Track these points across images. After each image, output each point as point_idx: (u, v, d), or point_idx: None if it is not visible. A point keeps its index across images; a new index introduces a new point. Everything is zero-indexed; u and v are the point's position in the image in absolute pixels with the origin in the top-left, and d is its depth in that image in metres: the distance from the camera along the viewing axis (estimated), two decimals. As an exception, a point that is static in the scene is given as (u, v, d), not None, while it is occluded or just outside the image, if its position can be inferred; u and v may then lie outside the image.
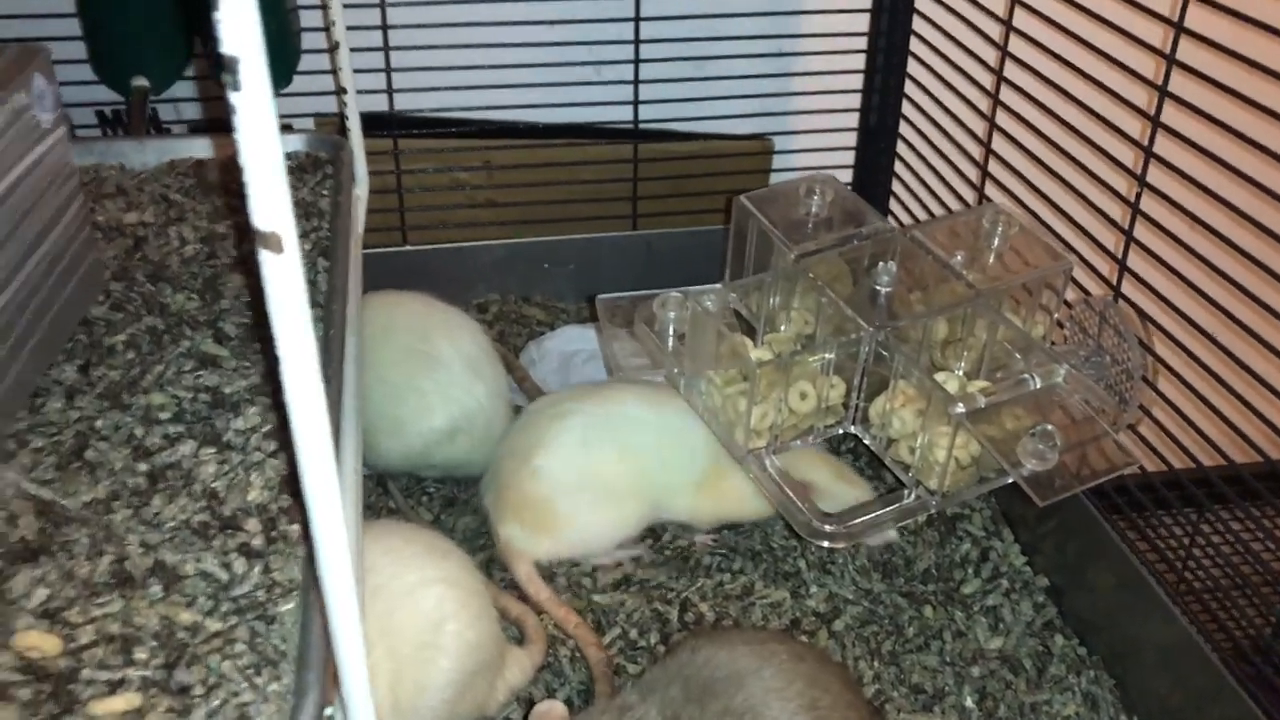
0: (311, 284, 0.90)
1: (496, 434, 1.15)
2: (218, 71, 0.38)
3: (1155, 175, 0.96)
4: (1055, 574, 1.10)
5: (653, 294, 0.98)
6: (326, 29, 1.10)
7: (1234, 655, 0.92)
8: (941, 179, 1.32)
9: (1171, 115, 0.94)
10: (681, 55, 1.43)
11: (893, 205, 1.48)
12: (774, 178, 1.58)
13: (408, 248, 1.46)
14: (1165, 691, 0.96)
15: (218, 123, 1.43)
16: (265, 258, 0.41)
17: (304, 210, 1.02)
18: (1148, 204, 0.98)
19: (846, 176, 1.54)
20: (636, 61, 1.40)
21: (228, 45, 0.38)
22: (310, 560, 0.63)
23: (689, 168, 1.51)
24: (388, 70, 1.36)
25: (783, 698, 0.75)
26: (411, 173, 1.44)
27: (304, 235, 0.98)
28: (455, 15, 1.36)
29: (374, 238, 1.45)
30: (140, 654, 0.58)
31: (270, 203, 0.40)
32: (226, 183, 1.03)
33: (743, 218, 1.04)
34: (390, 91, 1.37)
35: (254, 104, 0.39)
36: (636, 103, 1.43)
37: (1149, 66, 0.98)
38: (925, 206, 1.37)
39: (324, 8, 1.09)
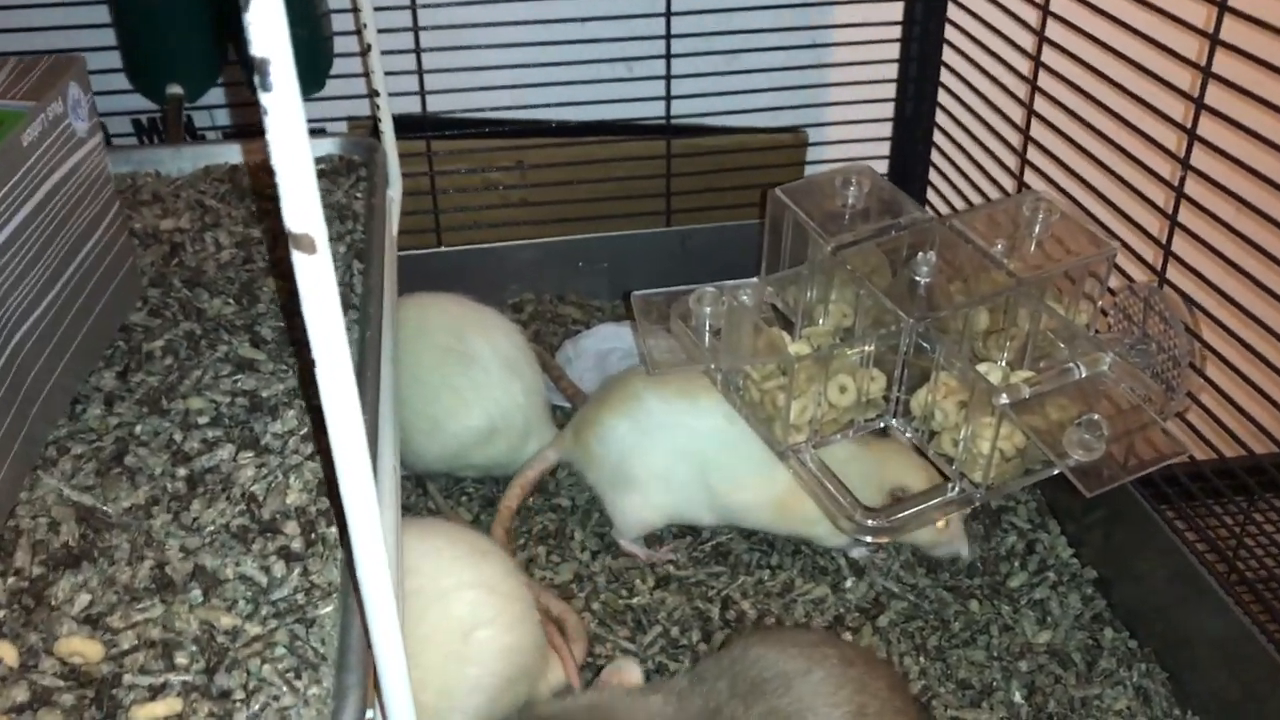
0: (347, 286, 0.90)
1: (534, 433, 1.15)
2: (250, 77, 0.37)
3: (1199, 158, 0.94)
4: (1103, 566, 1.08)
5: (688, 289, 0.97)
6: (358, 32, 1.10)
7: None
8: (980, 167, 1.31)
9: (1215, 96, 0.92)
10: (713, 50, 1.42)
11: (930, 196, 1.46)
12: (809, 170, 1.57)
13: (443, 249, 1.46)
14: (1220, 685, 0.94)
15: (251, 129, 1.44)
16: (297, 259, 0.41)
17: (338, 213, 1.02)
18: (1192, 187, 0.96)
19: (883, 167, 1.52)
20: (669, 56, 1.39)
21: (257, 47, 0.37)
22: (349, 563, 0.63)
23: (722, 162, 1.50)
24: (419, 72, 1.36)
25: (830, 703, 0.74)
26: (445, 174, 1.44)
27: (339, 238, 0.98)
28: (486, 15, 1.36)
29: (409, 239, 1.46)
30: (181, 659, 0.58)
31: (301, 204, 0.40)
32: (260, 188, 1.04)
33: (778, 210, 1.03)
34: (423, 93, 1.37)
35: (284, 105, 0.38)
36: (669, 98, 1.42)
37: (1191, 47, 0.96)
38: (963, 196, 1.35)
39: (355, 10, 1.10)
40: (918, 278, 0.94)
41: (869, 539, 0.95)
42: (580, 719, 0.79)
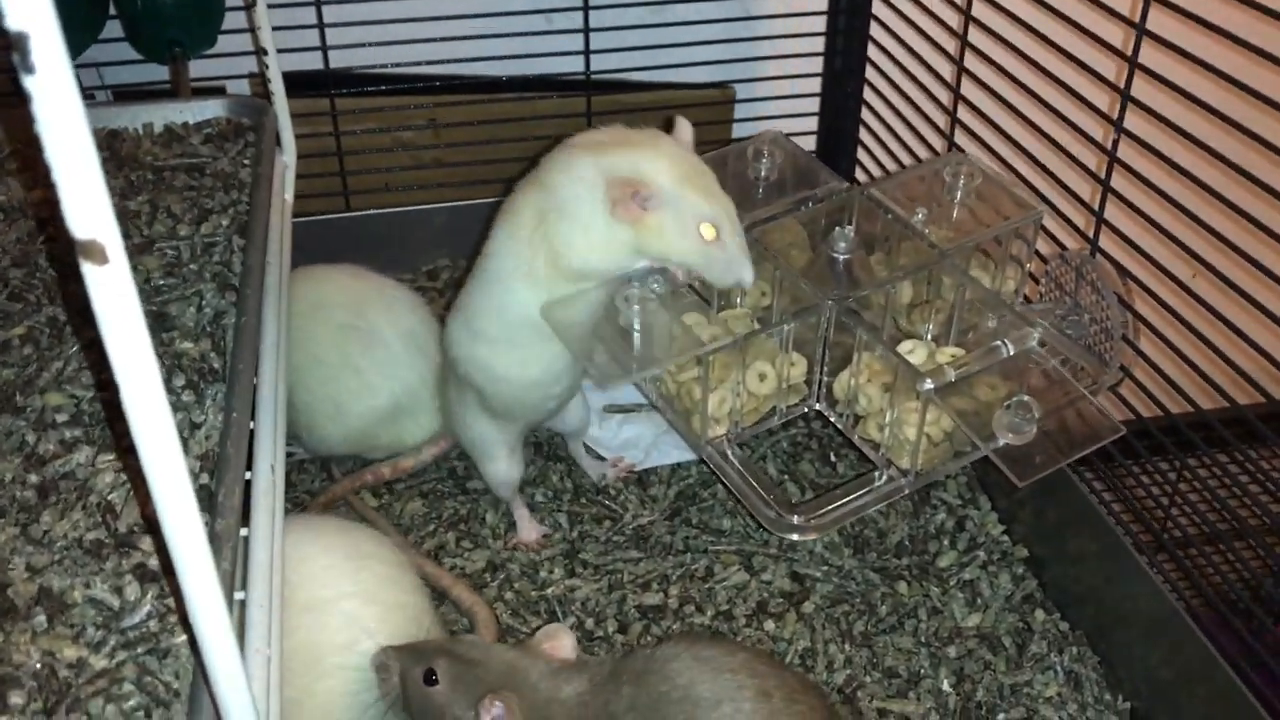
0: (225, 265, 0.83)
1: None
2: (133, 38, 0.31)
3: (1132, 121, 0.90)
4: (1035, 543, 1.05)
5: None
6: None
7: (1221, 625, 0.87)
8: (911, 127, 1.26)
9: (1149, 55, 0.87)
10: (634, 1, 1.36)
11: (861, 155, 1.41)
12: (737, 128, 1.51)
13: (352, 213, 1.38)
14: (1152, 668, 0.91)
15: (145, 90, 1.35)
16: (87, 271, 0.35)
17: (223, 182, 0.95)
18: (1125, 152, 0.91)
19: (812, 124, 1.47)
20: (586, 9, 1.32)
21: (14, 19, 0.31)
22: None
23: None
24: (321, 25, 1.27)
25: None
26: (352, 133, 1.36)
27: (222, 210, 0.91)
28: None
29: (314, 203, 1.38)
30: (16, 698, 0.52)
31: (86, 204, 0.34)
32: (143, 156, 0.96)
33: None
34: (325, 48, 1.29)
35: (53, 88, 0.32)
36: (588, 52, 1.35)
37: (1124, 2, 0.91)
38: (895, 156, 1.30)
39: (239, -39, 1.01)
40: (836, 253, 0.89)
41: (796, 537, 0.91)
42: (495, 672, 0.74)
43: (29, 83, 0.31)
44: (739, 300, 0.95)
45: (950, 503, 1.09)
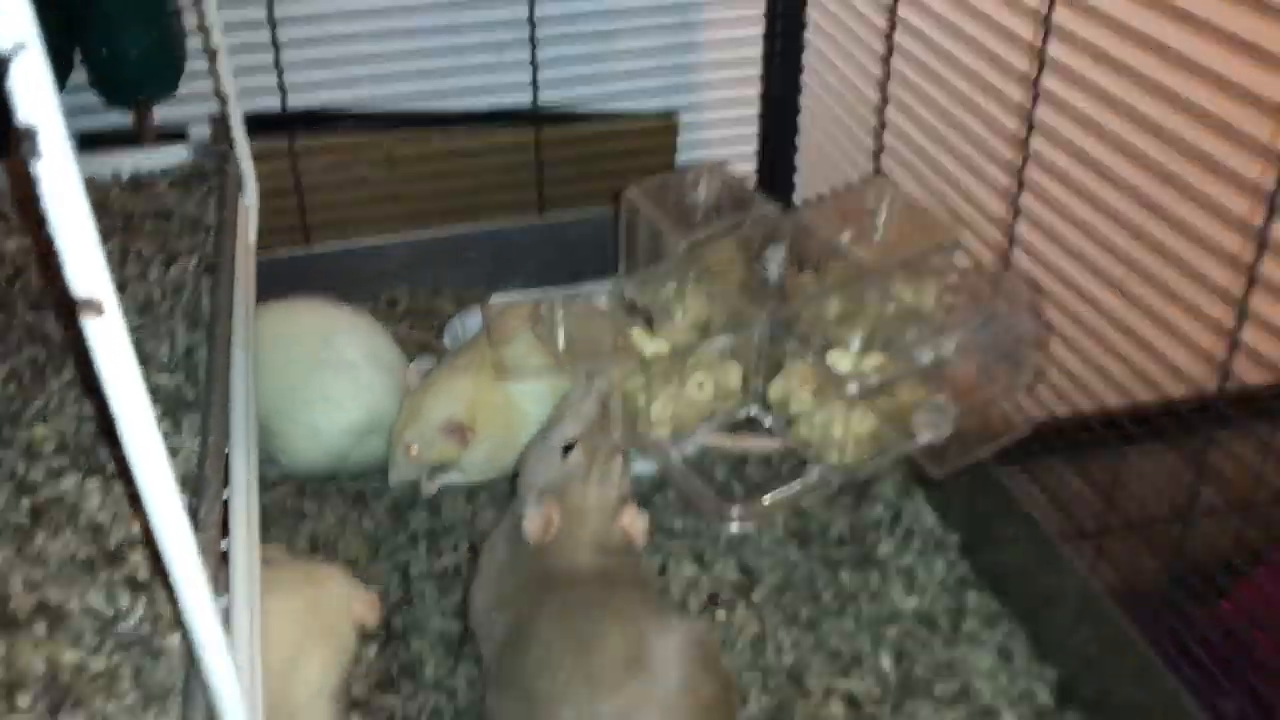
0: (193, 305, 0.89)
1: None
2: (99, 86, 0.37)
3: (1039, 142, 0.98)
4: (966, 530, 1.12)
5: (543, 294, 0.98)
6: (204, 35, 1.08)
7: (1137, 602, 0.95)
8: (843, 151, 1.33)
9: (1051, 82, 0.95)
10: (580, 33, 1.42)
11: (800, 178, 1.49)
12: (681, 154, 1.58)
13: (313, 249, 1.44)
14: (1078, 642, 0.98)
15: (103, 137, 1.39)
16: (88, 324, 0.41)
17: (189, 226, 1.01)
18: (1033, 171, 0.99)
19: (753, 149, 1.54)
20: (533, 42, 1.39)
21: (23, 115, 0.37)
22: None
23: (595, 148, 1.50)
24: (278, 68, 1.34)
25: None
26: (311, 171, 1.42)
27: (189, 252, 0.97)
28: (346, 5, 1.35)
29: (276, 239, 1.44)
30: (23, 699, 0.58)
31: (86, 268, 0.40)
32: (112, 203, 1.02)
33: (631, 210, 1.04)
34: (283, 89, 1.35)
35: (57, 172, 0.38)
36: (535, 85, 1.42)
37: (1029, 29, 0.99)
38: (831, 178, 1.38)
39: (199, 14, 1.08)
40: (768, 272, 0.97)
41: (736, 528, 0.98)
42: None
43: (37, 167, 0.38)
44: (679, 316, 1.03)
45: (888, 497, 1.16)
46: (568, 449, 0.91)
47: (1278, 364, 0.80)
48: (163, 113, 1.33)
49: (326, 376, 1.13)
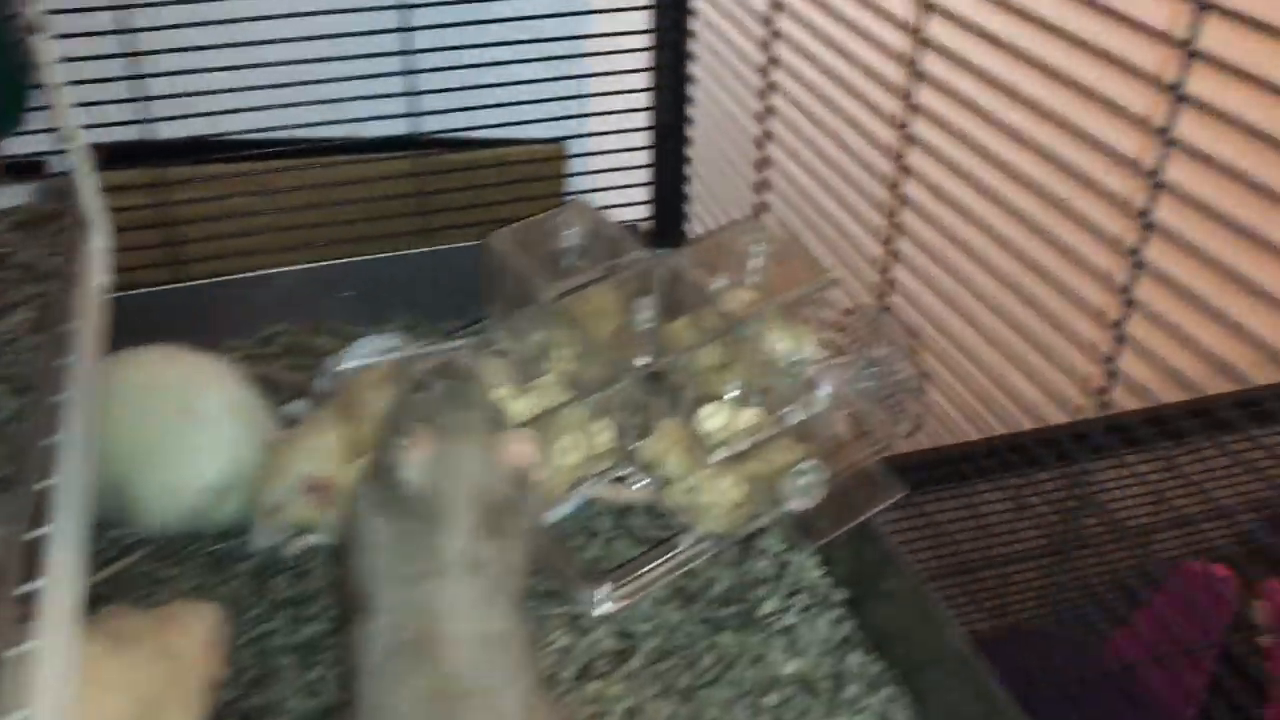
0: (23, 364, 0.83)
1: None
2: None
3: (911, 187, 0.95)
4: (852, 585, 1.09)
5: (397, 356, 0.92)
6: (38, 69, 1.01)
7: (1022, 645, 0.92)
8: (732, 185, 1.30)
9: (919, 129, 0.92)
10: (460, 63, 1.37)
11: (694, 210, 1.45)
12: (575, 184, 1.53)
13: (186, 284, 1.37)
14: (957, 704, 0.95)
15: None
16: None
17: (28, 273, 0.94)
18: (906, 215, 0.96)
19: (648, 177, 1.50)
20: (410, 69, 1.34)
21: None
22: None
23: (479, 178, 1.46)
24: (142, 98, 1.27)
25: None
26: (181, 204, 1.35)
27: (26, 302, 0.91)
28: (211, 37, 1.28)
29: (146, 275, 1.37)
30: None
31: None
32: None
33: (496, 255, 0.99)
34: (148, 120, 1.28)
35: None
36: (411, 114, 1.37)
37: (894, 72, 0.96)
38: (725, 211, 1.35)
39: (29, 51, 1.01)
40: (639, 323, 0.92)
41: (600, 612, 0.94)
42: None
43: None
44: (548, 371, 0.98)
45: (773, 549, 1.13)
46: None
47: (1153, 388, 0.77)
48: (20, 145, 1.25)
49: (185, 431, 1.07)
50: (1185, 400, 0.72)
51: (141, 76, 1.25)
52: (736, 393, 0.96)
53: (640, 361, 0.92)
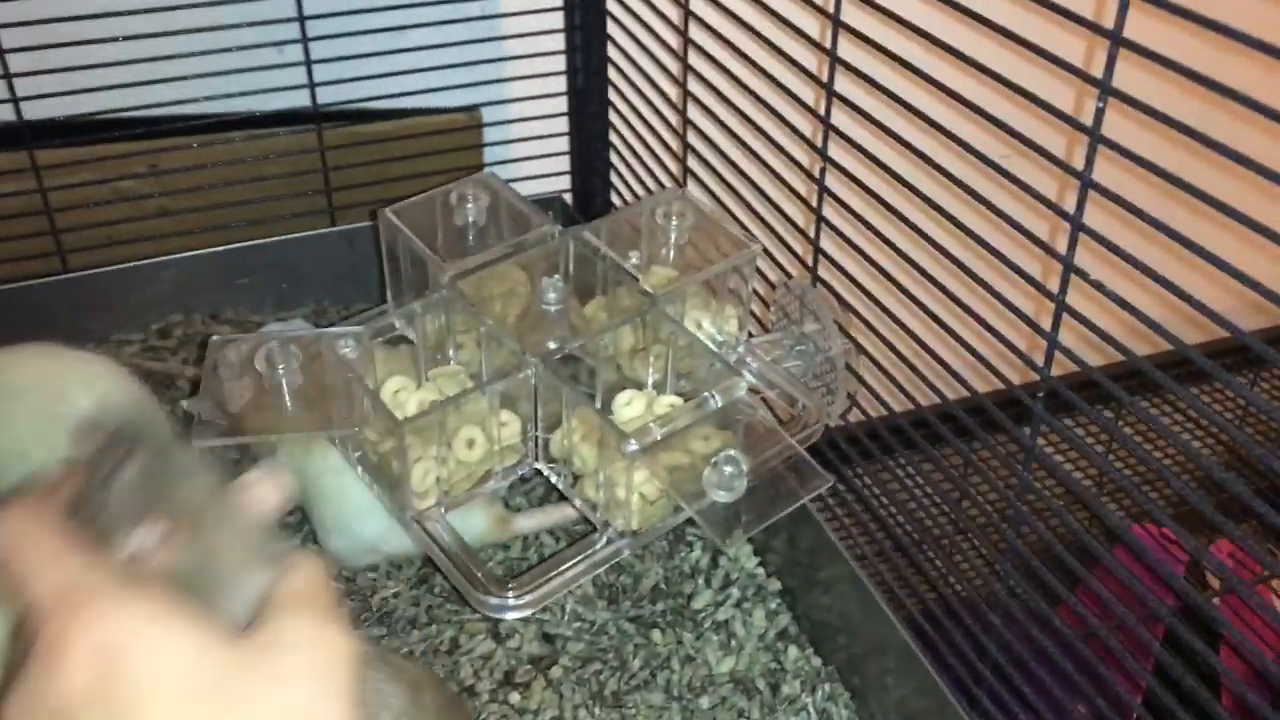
0: None
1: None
2: None
3: (836, 150, 0.88)
4: (787, 575, 1.03)
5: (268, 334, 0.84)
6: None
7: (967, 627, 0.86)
8: (653, 153, 1.22)
9: (843, 85, 0.85)
10: (363, 28, 1.28)
11: (617, 181, 1.37)
12: (493, 154, 1.45)
13: (70, 274, 1.28)
14: (898, 700, 0.90)
15: None
16: None
17: None
18: (833, 181, 0.89)
19: (565, 146, 1.43)
20: (305, 37, 1.25)
21: None
22: None
23: (391, 150, 1.37)
24: (7, 75, 1.17)
25: None
26: (61, 189, 1.25)
27: None
28: (82, 6, 1.18)
29: (27, 266, 1.27)
30: None
31: None
32: None
33: (391, 234, 0.91)
34: (15, 99, 1.18)
35: None
36: (312, 85, 1.28)
37: (815, 28, 0.89)
38: (642, 182, 1.27)
39: None
40: (546, 305, 0.85)
41: (509, 618, 0.87)
42: None
43: None
44: (451, 356, 0.90)
45: (706, 538, 1.06)
46: None
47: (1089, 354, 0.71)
48: None
49: (58, 436, 0.98)
50: (1118, 362, 0.67)
51: (2, 52, 1.15)
52: (654, 378, 0.89)
53: (549, 346, 0.84)
